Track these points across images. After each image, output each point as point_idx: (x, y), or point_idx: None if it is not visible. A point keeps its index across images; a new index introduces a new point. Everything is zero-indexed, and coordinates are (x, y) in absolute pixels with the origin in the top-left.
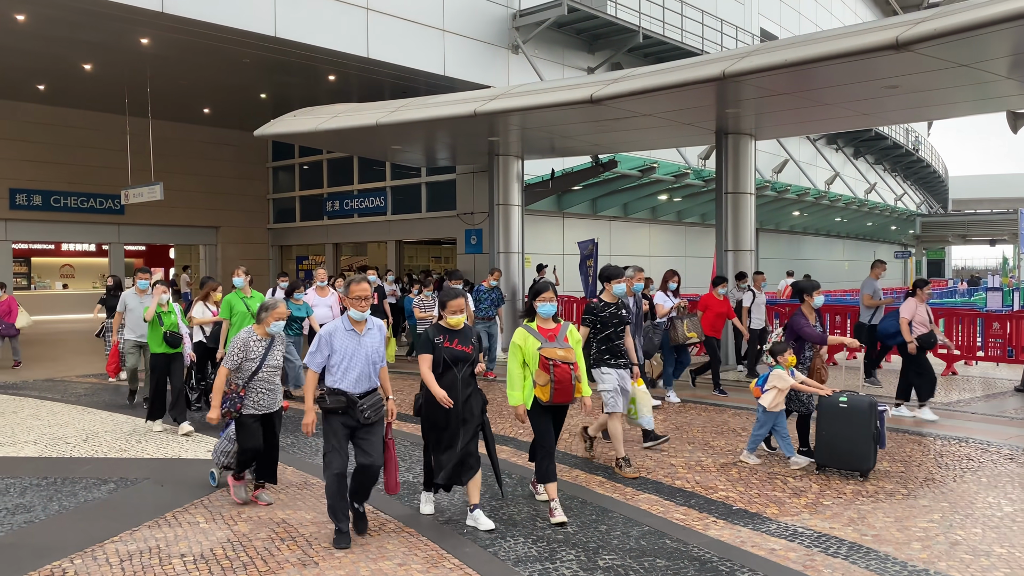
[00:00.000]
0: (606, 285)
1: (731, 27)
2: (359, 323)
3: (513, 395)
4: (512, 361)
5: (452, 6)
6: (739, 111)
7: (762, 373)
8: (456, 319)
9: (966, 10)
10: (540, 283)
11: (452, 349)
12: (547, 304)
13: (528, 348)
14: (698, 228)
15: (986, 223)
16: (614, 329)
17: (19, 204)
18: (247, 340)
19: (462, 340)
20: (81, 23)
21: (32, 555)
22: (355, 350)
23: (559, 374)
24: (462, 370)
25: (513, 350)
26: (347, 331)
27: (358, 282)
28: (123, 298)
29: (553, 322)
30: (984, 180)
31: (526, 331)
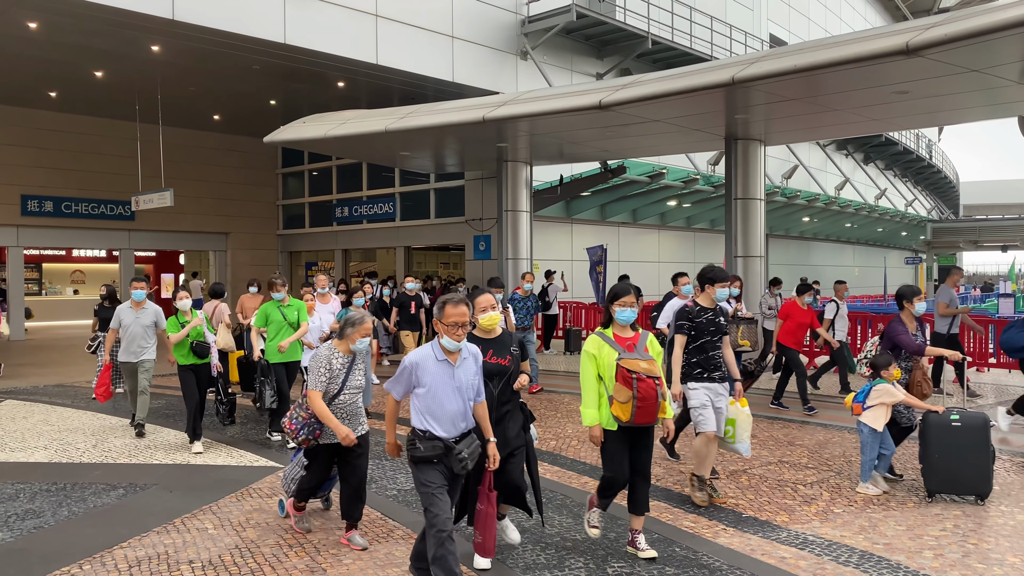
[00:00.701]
0: (707, 288)
1: (740, 33)
2: (453, 353)
3: (588, 413)
4: (586, 373)
5: (461, 13)
6: (748, 117)
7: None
8: (488, 319)
9: (976, 15)
10: (619, 285)
11: (486, 363)
12: (627, 310)
13: (604, 359)
14: (707, 234)
15: (997, 228)
16: (710, 338)
17: (31, 210)
18: (329, 358)
19: (497, 350)
20: (92, 31)
21: (41, 561)
22: (448, 385)
23: (643, 390)
24: (498, 386)
25: (586, 361)
26: (438, 362)
27: (455, 303)
28: (118, 313)
29: (631, 330)
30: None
31: (601, 339)
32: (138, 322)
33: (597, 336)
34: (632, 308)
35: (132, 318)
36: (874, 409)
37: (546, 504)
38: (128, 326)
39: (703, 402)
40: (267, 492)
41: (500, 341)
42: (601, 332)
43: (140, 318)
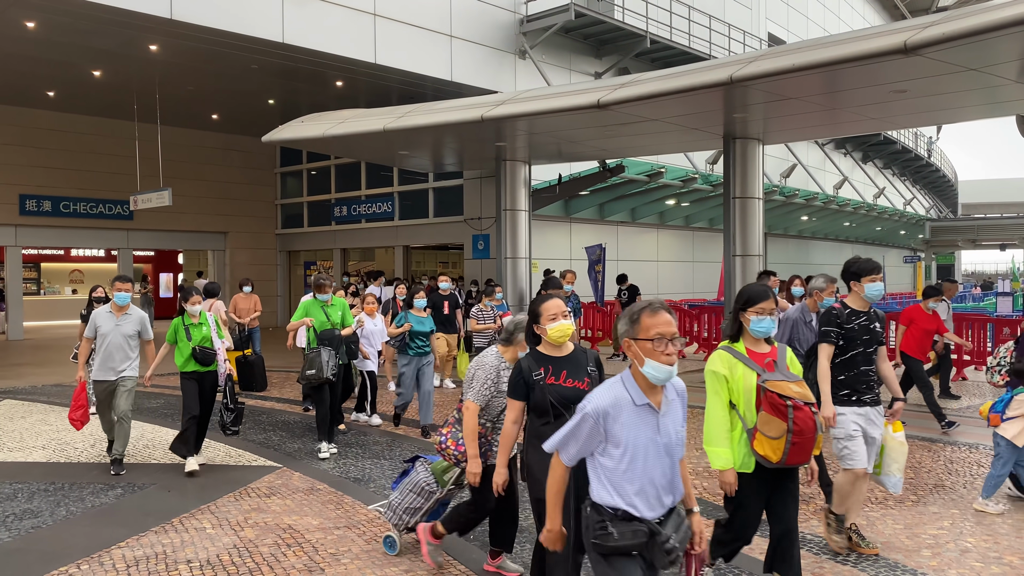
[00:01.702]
0: (854, 285)
1: (738, 32)
2: (655, 392)
3: (719, 454)
4: (715, 402)
5: (459, 12)
6: (747, 116)
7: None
8: (559, 330)
9: (975, 14)
10: (756, 287)
11: (559, 387)
12: (764, 319)
13: (739, 381)
14: (706, 233)
15: (996, 227)
16: (863, 349)
17: (29, 210)
18: (497, 368)
19: (572, 371)
20: (90, 30)
21: (39, 560)
22: (652, 441)
23: (800, 420)
24: None
25: (714, 383)
26: (637, 408)
27: (653, 311)
28: (93, 319)
29: (767, 344)
30: (994, 184)
31: (731, 356)
32: (118, 331)
33: (725, 352)
34: (772, 317)
35: (111, 326)
36: (1016, 420)
37: None
38: (106, 335)
39: (851, 431)
40: (265, 492)
41: (574, 359)
42: (729, 347)
43: (121, 326)
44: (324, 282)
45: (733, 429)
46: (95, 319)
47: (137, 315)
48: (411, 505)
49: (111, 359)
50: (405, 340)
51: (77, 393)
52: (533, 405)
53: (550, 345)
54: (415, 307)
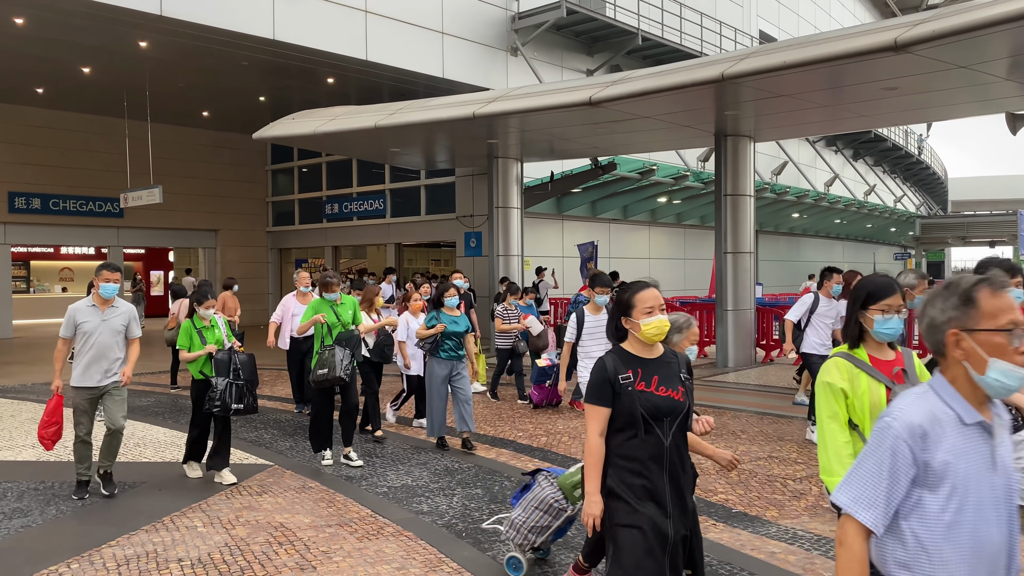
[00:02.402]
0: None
1: (730, 29)
2: (986, 405)
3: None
4: (830, 420)
5: (451, 9)
6: (738, 113)
7: None
8: (655, 326)
9: (965, 12)
10: (878, 279)
11: (651, 395)
12: (891, 318)
13: (862, 396)
14: (698, 230)
15: (986, 224)
16: None
17: (18, 207)
18: None
19: (665, 377)
20: (80, 26)
21: (29, 560)
22: (987, 482)
23: None
24: (669, 431)
25: (829, 399)
26: (966, 429)
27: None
28: (72, 315)
29: (891, 349)
30: (983, 182)
31: (851, 365)
32: (106, 327)
33: (844, 361)
34: (899, 316)
35: (96, 322)
36: None
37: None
38: (90, 333)
39: None
40: (256, 490)
41: (665, 363)
42: (848, 354)
43: (109, 321)
44: (332, 280)
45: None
46: (74, 315)
47: (126, 308)
48: (537, 523)
49: (100, 360)
50: (437, 342)
51: (52, 407)
52: (616, 415)
53: (640, 344)
54: (446, 306)
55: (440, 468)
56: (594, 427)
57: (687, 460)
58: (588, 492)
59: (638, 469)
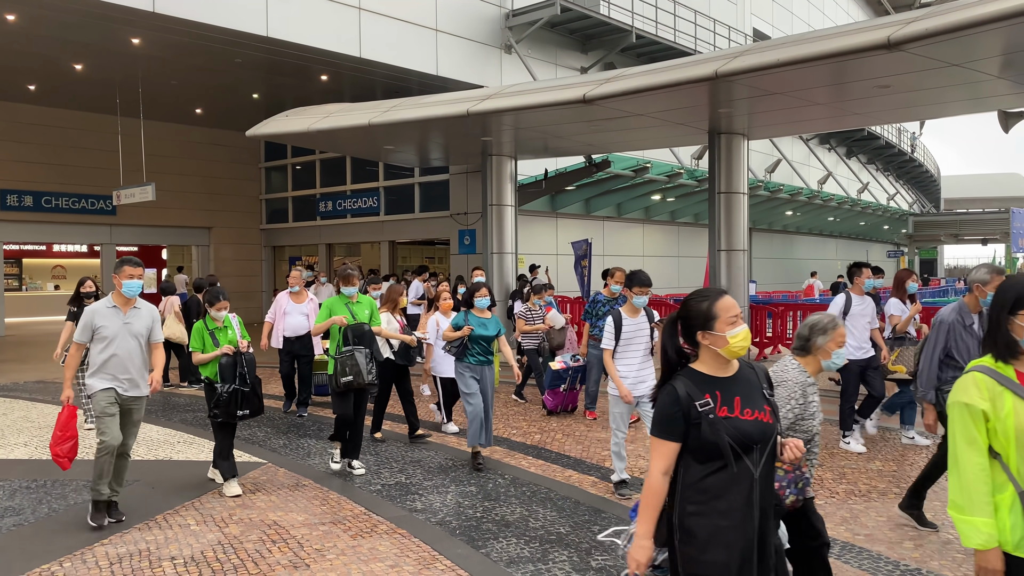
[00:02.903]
0: None
1: (724, 27)
2: None
3: (976, 525)
4: (966, 446)
5: (445, 6)
6: (732, 111)
7: None
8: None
9: (957, 10)
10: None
11: (737, 421)
12: None
13: (1007, 417)
14: (691, 228)
15: (978, 222)
16: None
17: (10, 205)
18: (803, 384)
19: (748, 396)
20: (72, 23)
21: (21, 558)
22: None
23: None
24: (760, 461)
25: (966, 421)
26: None
27: None
28: (91, 317)
29: None
30: (976, 180)
31: (992, 381)
32: (128, 331)
33: (984, 376)
34: None
35: (118, 325)
36: None
37: (530, 498)
38: (111, 338)
39: None
40: (250, 488)
41: (744, 379)
42: (988, 367)
43: (132, 324)
44: (351, 272)
45: (1001, 491)
46: (93, 318)
47: (148, 309)
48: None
49: (123, 368)
50: (464, 345)
51: (64, 421)
52: (697, 447)
53: (715, 361)
54: (476, 306)
55: (434, 466)
56: (659, 464)
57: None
58: (638, 535)
59: (722, 508)
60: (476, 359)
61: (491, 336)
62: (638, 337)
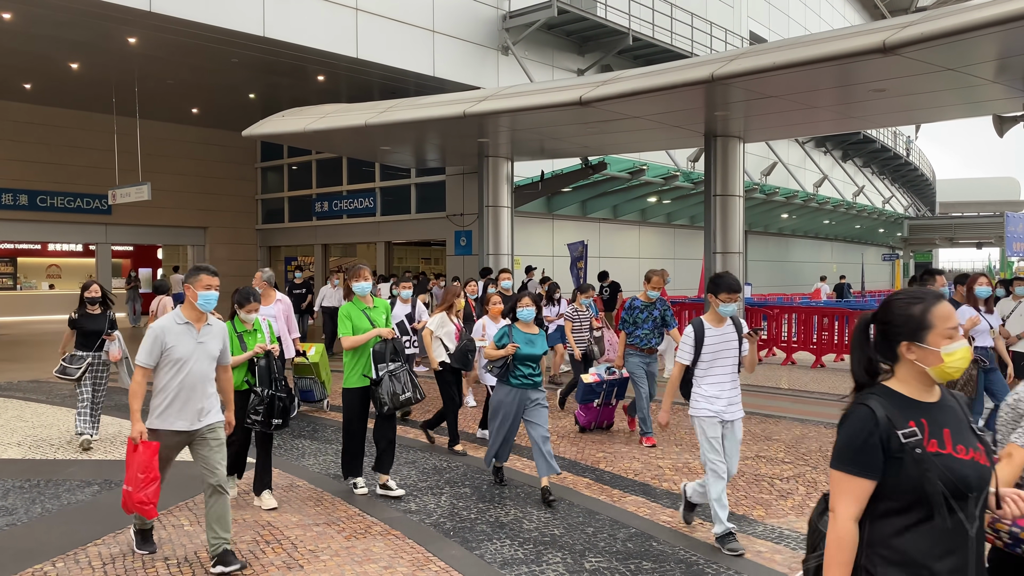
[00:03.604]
0: None
1: (720, 30)
2: None
3: None
4: None
5: (442, 7)
6: (728, 113)
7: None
8: (959, 356)
9: (952, 14)
10: None
11: (951, 459)
12: None
13: None
14: (687, 230)
15: (973, 226)
16: None
17: (5, 204)
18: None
19: (957, 430)
20: (68, 22)
21: (13, 558)
22: None
23: None
24: (976, 513)
25: None
26: None
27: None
28: (159, 335)
29: None
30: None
31: None
32: (203, 352)
33: None
34: None
35: (191, 345)
36: None
37: (525, 499)
38: (184, 360)
39: None
40: (244, 488)
41: (950, 408)
42: None
43: (206, 344)
44: (363, 267)
45: None
46: (162, 336)
47: (220, 327)
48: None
49: (193, 398)
50: (508, 365)
51: (145, 461)
52: (895, 490)
53: (918, 382)
54: (520, 319)
55: (428, 467)
56: (848, 507)
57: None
58: None
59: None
60: (521, 382)
61: (538, 355)
62: (726, 351)
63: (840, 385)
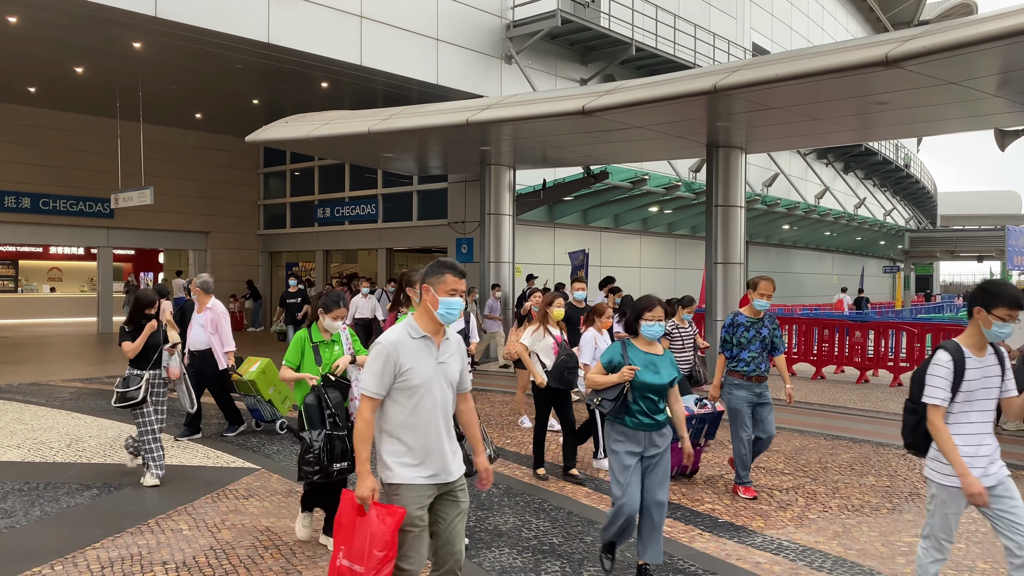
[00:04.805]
0: None
1: (723, 41)
2: None
3: None
4: None
5: (446, 15)
6: (730, 124)
7: None
8: None
9: (955, 28)
10: None
11: None
12: None
13: None
14: (688, 240)
15: (974, 239)
16: None
17: (7, 206)
18: None
19: None
20: (73, 26)
21: (12, 561)
22: None
23: None
24: None
25: None
26: None
27: None
28: (391, 352)
29: None
30: (972, 196)
31: None
32: (444, 376)
33: None
34: None
35: (431, 367)
36: None
37: (524, 508)
38: (424, 387)
39: None
40: (243, 494)
41: None
42: None
43: (448, 365)
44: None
45: None
46: (395, 354)
47: (457, 341)
48: None
49: (438, 438)
50: (624, 398)
51: (389, 532)
52: None
53: None
54: (643, 335)
55: None
56: None
57: None
58: None
59: None
60: (639, 420)
61: (664, 385)
62: (984, 388)
63: (840, 397)
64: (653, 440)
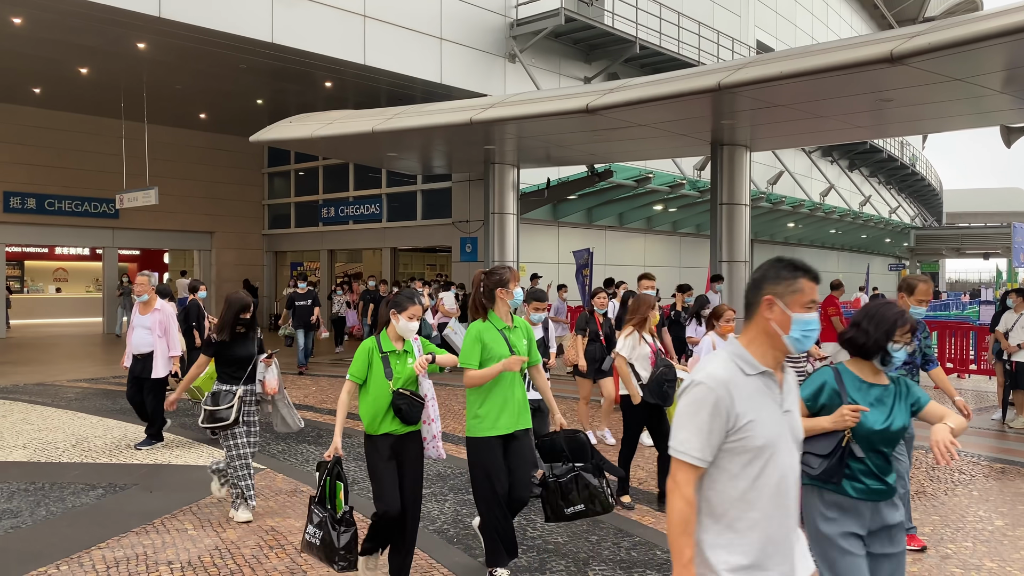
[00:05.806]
0: None
1: (727, 39)
2: None
3: None
4: None
5: (449, 15)
6: (734, 122)
7: None
8: None
9: (960, 25)
10: None
11: None
12: None
13: None
14: (693, 238)
15: (980, 236)
16: None
17: (13, 207)
18: None
19: None
20: (78, 27)
21: (18, 561)
22: None
23: None
24: None
25: None
26: None
27: None
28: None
29: None
30: (978, 194)
31: None
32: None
33: None
34: None
35: (777, 419)
36: None
37: (528, 507)
38: (772, 449)
39: None
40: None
41: None
42: None
43: (792, 416)
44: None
45: None
46: (728, 391)
47: (793, 379)
48: None
49: (788, 526)
50: (842, 453)
51: None
52: None
53: None
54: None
55: (432, 474)
56: None
57: None
58: None
59: None
60: (865, 486)
61: (898, 435)
62: None
63: None
64: (881, 514)
